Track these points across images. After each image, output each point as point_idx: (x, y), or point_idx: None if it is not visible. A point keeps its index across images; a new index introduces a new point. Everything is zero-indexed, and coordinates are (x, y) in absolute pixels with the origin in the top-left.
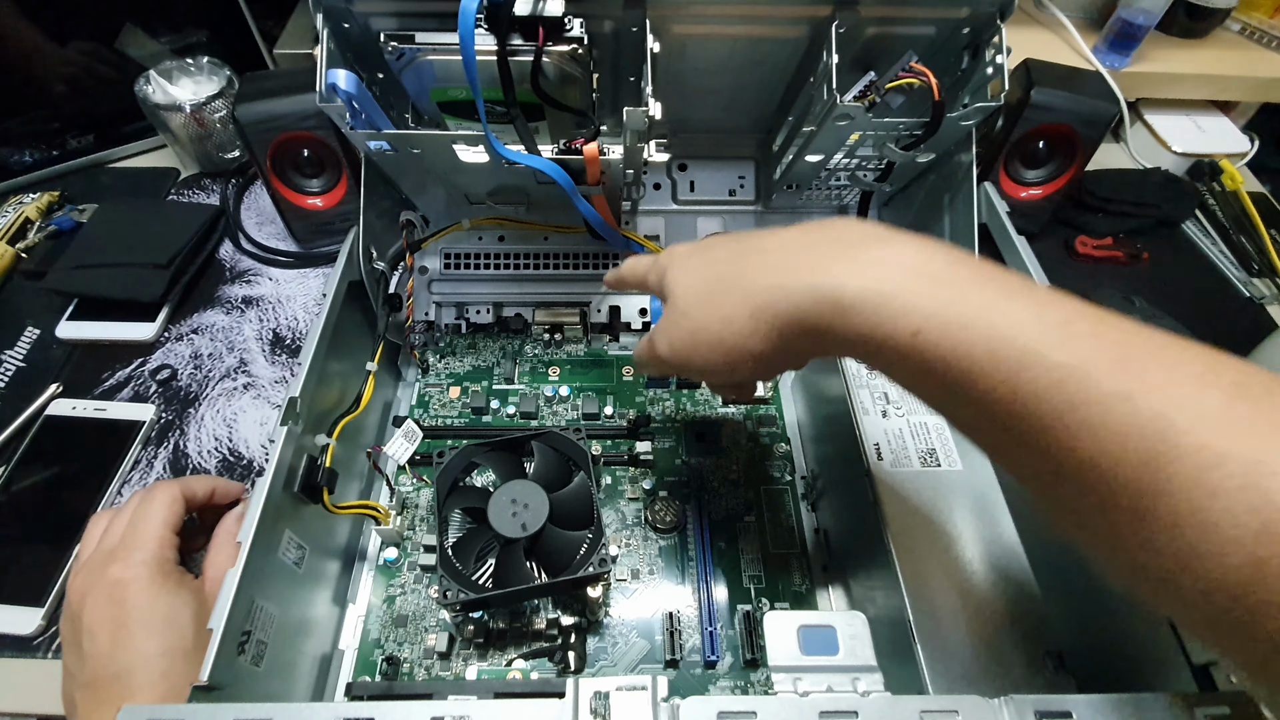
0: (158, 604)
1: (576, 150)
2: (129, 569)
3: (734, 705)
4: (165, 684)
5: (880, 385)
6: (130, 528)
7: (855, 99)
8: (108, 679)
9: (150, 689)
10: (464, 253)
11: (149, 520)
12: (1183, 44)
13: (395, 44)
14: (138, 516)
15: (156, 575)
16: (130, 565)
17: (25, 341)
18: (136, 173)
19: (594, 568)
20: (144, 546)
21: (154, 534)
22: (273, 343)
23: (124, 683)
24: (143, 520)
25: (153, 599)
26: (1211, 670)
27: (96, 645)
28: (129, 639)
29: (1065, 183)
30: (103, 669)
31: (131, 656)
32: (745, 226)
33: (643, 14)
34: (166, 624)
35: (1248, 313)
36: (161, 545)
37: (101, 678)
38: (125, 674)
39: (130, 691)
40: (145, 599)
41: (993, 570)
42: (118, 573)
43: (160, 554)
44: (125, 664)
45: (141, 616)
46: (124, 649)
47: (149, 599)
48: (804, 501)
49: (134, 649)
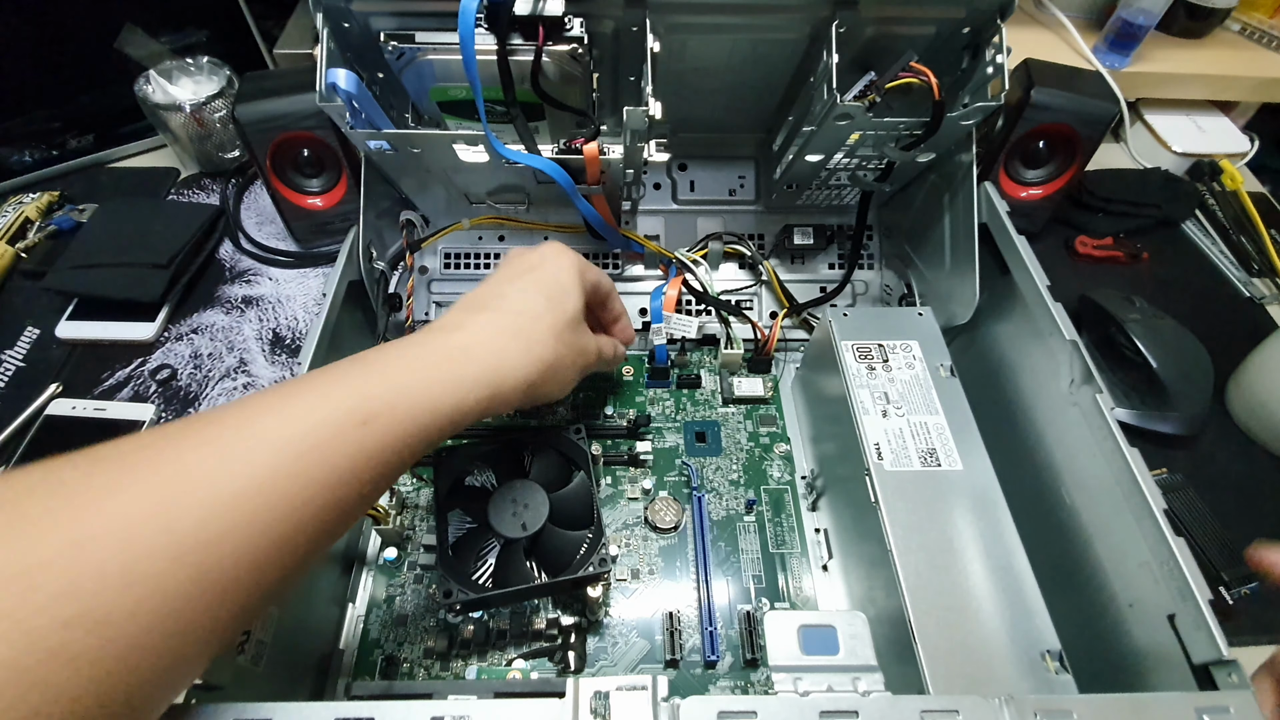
0: (569, 293)
1: (576, 150)
2: (583, 273)
3: (734, 705)
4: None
5: (880, 385)
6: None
7: (855, 99)
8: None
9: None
10: (464, 253)
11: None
12: (1183, 44)
13: (395, 44)
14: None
15: (581, 286)
16: (586, 269)
17: (25, 341)
18: (136, 173)
19: (594, 568)
20: (593, 281)
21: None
22: (273, 342)
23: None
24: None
25: (573, 289)
26: (1212, 670)
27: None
28: (526, 286)
29: (1065, 183)
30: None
31: (528, 302)
32: (745, 226)
33: (643, 14)
34: (557, 308)
35: (1248, 313)
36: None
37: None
38: (505, 304)
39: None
40: (567, 281)
41: (993, 570)
42: (576, 262)
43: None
44: (515, 303)
45: (555, 289)
46: (524, 296)
47: (570, 286)
48: (804, 501)
49: (531, 298)
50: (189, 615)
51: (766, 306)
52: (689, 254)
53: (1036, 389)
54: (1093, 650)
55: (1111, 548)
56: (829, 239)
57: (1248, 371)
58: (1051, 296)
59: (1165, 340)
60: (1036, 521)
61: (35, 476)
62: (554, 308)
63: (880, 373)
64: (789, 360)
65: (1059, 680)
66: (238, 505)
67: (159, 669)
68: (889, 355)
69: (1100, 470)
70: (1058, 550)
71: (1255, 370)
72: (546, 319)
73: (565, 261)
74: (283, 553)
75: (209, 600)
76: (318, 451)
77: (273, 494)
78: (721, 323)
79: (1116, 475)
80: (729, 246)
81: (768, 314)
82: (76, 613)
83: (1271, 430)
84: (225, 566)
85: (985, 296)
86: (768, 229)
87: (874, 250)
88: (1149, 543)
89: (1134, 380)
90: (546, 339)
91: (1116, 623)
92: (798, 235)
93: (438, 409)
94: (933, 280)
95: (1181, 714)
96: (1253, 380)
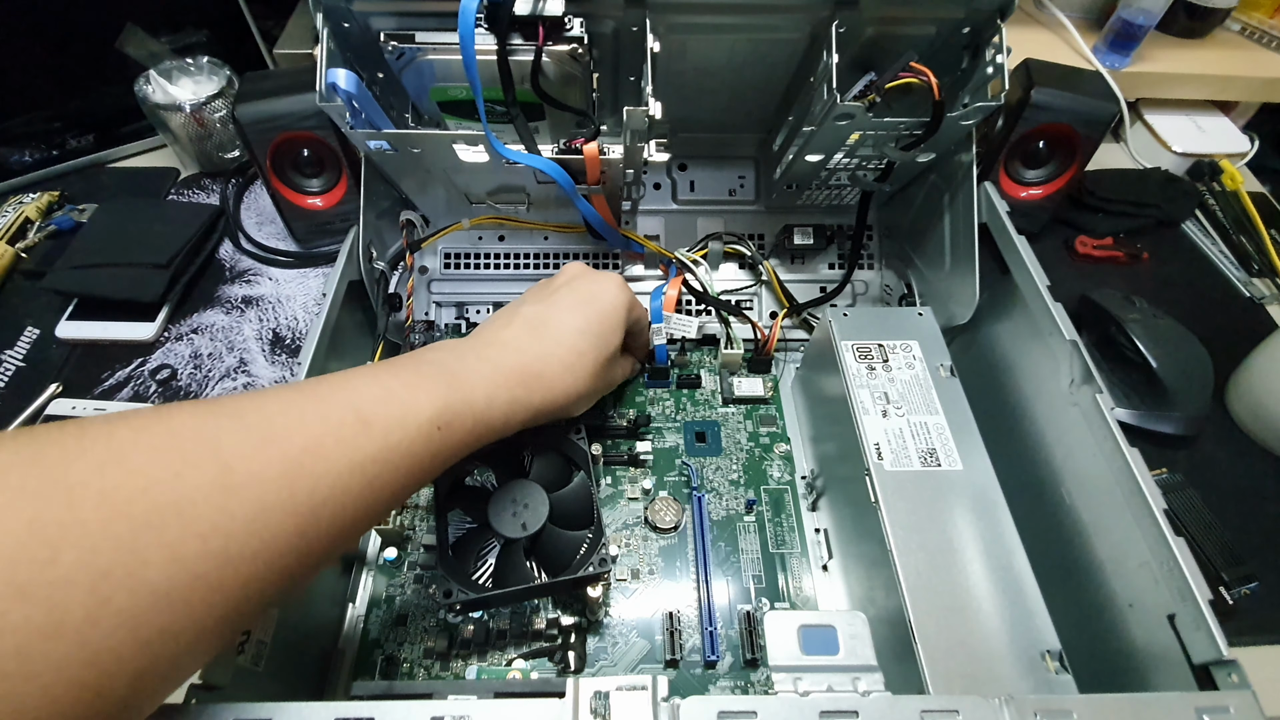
0: (615, 332)
1: (576, 150)
2: (631, 311)
3: (734, 705)
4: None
5: (880, 385)
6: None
7: (855, 99)
8: (536, 322)
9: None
10: (464, 252)
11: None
12: (1183, 44)
13: (395, 43)
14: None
15: (625, 324)
16: (634, 307)
17: (25, 341)
18: (136, 173)
19: (594, 568)
20: (635, 318)
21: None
22: (272, 342)
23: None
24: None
25: (619, 328)
26: (1212, 670)
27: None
28: (580, 322)
29: (1065, 183)
30: (538, 315)
31: (582, 337)
32: (745, 226)
33: (643, 14)
34: (602, 347)
35: (1248, 313)
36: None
37: (531, 319)
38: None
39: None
40: (616, 321)
41: (993, 570)
42: (628, 301)
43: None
44: (571, 337)
45: (606, 328)
46: (581, 331)
47: (618, 325)
48: (804, 501)
49: (566, 329)
50: (310, 554)
51: (766, 306)
52: (689, 254)
53: (1036, 389)
54: (1093, 650)
55: (1111, 548)
56: (829, 239)
57: (1248, 371)
58: (1051, 296)
59: (1165, 340)
60: (1036, 521)
61: (198, 417)
62: (599, 344)
63: (880, 373)
64: (789, 360)
65: (1059, 680)
66: (358, 473)
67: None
68: (889, 355)
69: (1100, 470)
70: (1058, 550)
71: (1255, 370)
72: (591, 355)
73: (620, 301)
74: (357, 525)
75: (314, 553)
76: (408, 444)
77: (372, 472)
78: (721, 323)
79: (1116, 475)
80: (729, 246)
81: (768, 314)
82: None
83: (1271, 430)
84: (322, 524)
85: (985, 296)
86: (768, 229)
87: (874, 250)
88: (1149, 543)
89: (1134, 380)
90: (589, 373)
91: (1116, 623)
92: (798, 235)
93: (493, 425)
94: (933, 280)
95: (1181, 714)
96: (1253, 380)
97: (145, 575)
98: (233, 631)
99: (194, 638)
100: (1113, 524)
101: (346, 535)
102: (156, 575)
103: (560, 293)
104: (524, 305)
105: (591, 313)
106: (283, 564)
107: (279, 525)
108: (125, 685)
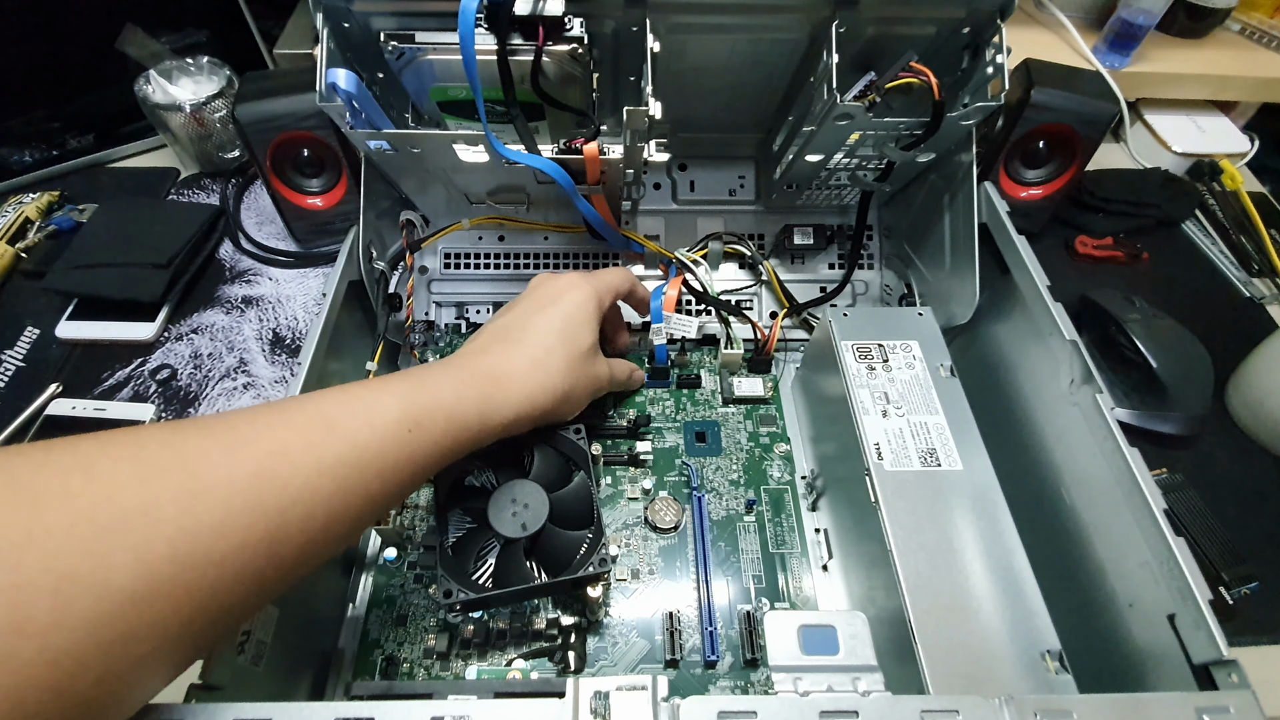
0: (583, 326)
1: (576, 150)
2: (600, 304)
3: (734, 705)
4: (537, 369)
5: (880, 385)
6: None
7: (855, 99)
8: (510, 334)
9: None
10: (464, 252)
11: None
12: (1183, 44)
13: (395, 43)
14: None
15: (596, 318)
16: (604, 297)
17: (25, 341)
18: (136, 173)
19: (594, 568)
20: (610, 288)
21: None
22: (273, 342)
23: (515, 342)
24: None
25: (587, 322)
26: (1212, 670)
27: (528, 312)
28: (545, 322)
29: (1065, 183)
30: (512, 327)
31: (548, 336)
32: (745, 226)
33: (643, 14)
34: (571, 342)
35: (1248, 313)
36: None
37: (507, 331)
38: (523, 338)
39: (517, 348)
40: (582, 317)
41: (993, 570)
42: (593, 295)
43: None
44: (537, 336)
45: (571, 324)
46: (545, 331)
47: (585, 320)
48: (804, 501)
49: (541, 329)
50: (285, 554)
51: (766, 306)
52: (689, 254)
53: (1036, 389)
54: (1093, 650)
55: (1111, 547)
56: (829, 239)
57: (1248, 371)
58: (1051, 296)
59: (1165, 340)
60: (1036, 521)
61: (165, 432)
62: (567, 340)
63: (880, 373)
64: (789, 360)
65: (1059, 680)
66: (327, 475)
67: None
68: (889, 355)
69: (1100, 470)
70: (1058, 550)
71: (1255, 370)
72: (560, 351)
73: (581, 296)
74: (331, 530)
75: (286, 558)
76: (378, 444)
77: (341, 474)
78: (721, 323)
79: (1116, 475)
80: (729, 246)
81: (768, 314)
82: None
83: (1271, 430)
84: (292, 528)
85: (985, 296)
86: (768, 229)
87: (874, 250)
88: (1149, 543)
89: (1134, 380)
90: (562, 370)
91: (1116, 623)
92: (798, 235)
93: (468, 424)
94: (933, 280)
95: (1181, 714)
96: (1253, 380)
97: (110, 579)
98: (205, 636)
99: (160, 640)
100: (1113, 524)
101: (320, 540)
102: (122, 579)
103: (524, 301)
104: (491, 321)
105: (555, 312)
106: (253, 568)
107: (247, 529)
108: (89, 686)
